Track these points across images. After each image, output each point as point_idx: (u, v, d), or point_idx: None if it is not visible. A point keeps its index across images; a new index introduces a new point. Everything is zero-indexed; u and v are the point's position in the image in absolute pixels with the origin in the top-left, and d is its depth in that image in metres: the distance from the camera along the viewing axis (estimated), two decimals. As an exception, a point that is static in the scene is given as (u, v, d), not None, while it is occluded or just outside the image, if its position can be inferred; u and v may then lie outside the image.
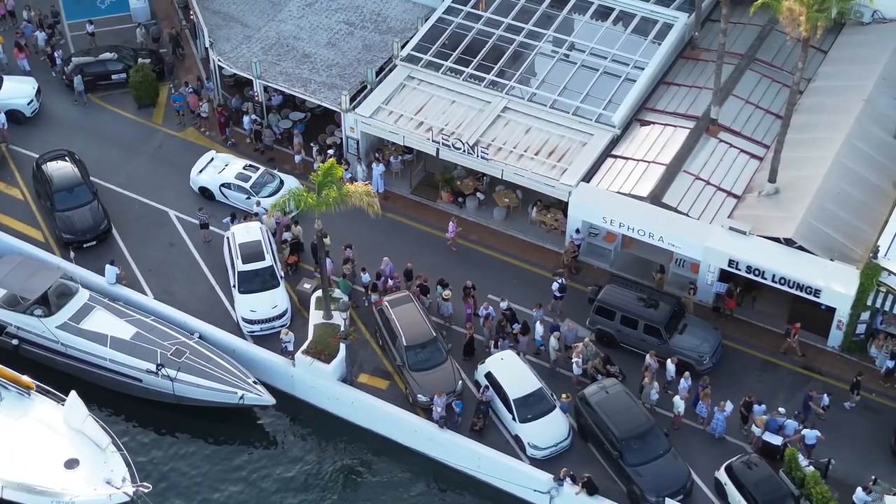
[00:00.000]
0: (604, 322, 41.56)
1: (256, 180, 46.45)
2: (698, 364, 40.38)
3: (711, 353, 40.63)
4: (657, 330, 40.64)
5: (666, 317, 40.88)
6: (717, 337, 41.17)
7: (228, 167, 47.08)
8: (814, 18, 38.49)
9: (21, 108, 50.47)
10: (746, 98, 46.48)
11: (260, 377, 41.09)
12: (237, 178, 46.57)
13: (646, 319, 40.82)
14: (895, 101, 44.95)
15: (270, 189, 46.30)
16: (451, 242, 45.29)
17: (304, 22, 51.34)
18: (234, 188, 46.48)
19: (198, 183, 47.24)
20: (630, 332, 41.09)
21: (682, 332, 40.98)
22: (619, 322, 41.22)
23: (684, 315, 41.49)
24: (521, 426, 39.00)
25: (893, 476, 37.61)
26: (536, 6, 49.87)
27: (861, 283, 39.38)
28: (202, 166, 47.50)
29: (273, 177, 46.90)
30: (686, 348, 40.59)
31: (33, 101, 50.81)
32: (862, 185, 42.64)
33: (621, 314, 41.16)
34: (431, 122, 46.30)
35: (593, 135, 45.32)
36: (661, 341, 40.61)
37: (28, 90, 50.97)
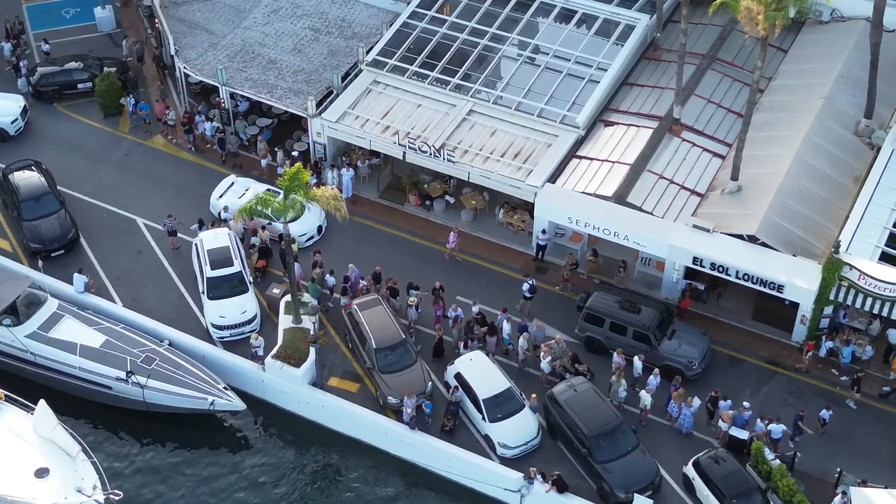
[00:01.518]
0: (593, 329, 41.63)
1: None
2: (687, 369, 40.57)
3: (700, 358, 40.83)
4: (646, 336, 40.77)
5: (655, 323, 41.03)
6: (705, 342, 41.35)
7: (249, 192, 45.77)
8: (771, 17, 39.00)
9: (4, 127, 50.11)
10: (708, 97, 47.03)
11: (230, 383, 41.20)
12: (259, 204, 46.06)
13: (635, 326, 40.93)
14: (854, 98, 45.51)
15: (292, 214, 45.52)
16: (450, 253, 45.21)
17: (269, 28, 51.53)
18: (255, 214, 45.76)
19: (218, 208, 46.28)
20: (619, 338, 41.11)
21: (671, 337, 41.12)
22: (609, 329, 41.30)
23: (673, 321, 41.69)
24: (490, 426, 39.29)
25: (857, 467, 38.12)
26: (500, 10, 50.29)
27: (823, 277, 39.88)
28: (222, 191, 46.68)
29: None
30: (675, 354, 40.76)
31: (18, 120, 50.39)
32: (823, 181, 43.21)
33: (610, 321, 41.28)
34: (398, 125, 46.59)
35: (558, 136, 45.74)
36: (651, 347, 40.75)
37: (14, 108, 50.53)
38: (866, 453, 38.95)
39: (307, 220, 45.33)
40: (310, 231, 45.48)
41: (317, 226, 45.64)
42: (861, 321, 41.68)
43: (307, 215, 45.18)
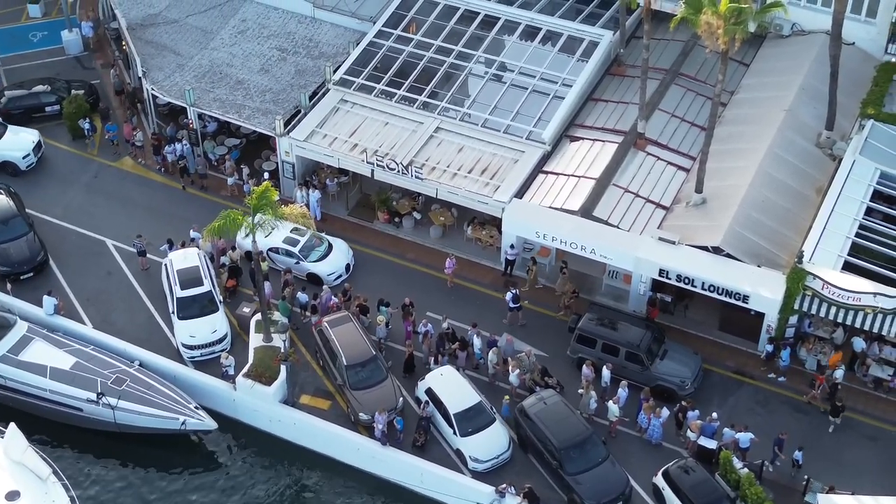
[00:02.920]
0: (585, 350, 41.66)
1: (305, 244, 45.24)
2: (680, 389, 40.69)
3: (693, 377, 40.99)
4: (638, 357, 40.96)
5: (647, 343, 41.20)
6: (697, 361, 41.51)
7: (275, 231, 44.47)
8: (731, 31, 39.59)
9: (16, 161, 49.66)
10: (672, 112, 47.61)
11: (201, 402, 41.24)
12: (285, 243, 45.25)
13: (627, 346, 41.05)
14: (815, 110, 46.18)
15: (319, 253, 45.19)
16: (451, 280, 45.14)
17: (236, 49, 51.81)
18: (283, 252, 45.34)
19: (244, 247, 45.28)
20: (611, 359, 41.13)
21: (663, 357, 41.27)
22: (600, 350, 41.38)
23: (664, 341, 41.88)
24: (462, 440, 39.51)
25: (825, 474, 38.55)
26: (465, 28, 50.77)
27: (787, 287, 40.35)
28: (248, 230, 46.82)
29: (321, 240, 45.66)
30: (667, 374, 40.89)
31: (30, 156, 49.85)
32: (786, 192, 43.79)
33: (602, 342, 41.41)
34: (366, 143, 46.91)
35: (524, 152, 46.18)
36: (643, 368, 40.92)
37: (27, 144, 50.01)
38: (834, 460, 39.37)
39: (335, 259, 45.22)
40: (338, 270, 45.10)
41: (345, 264, 45.33)
42: (825, 330, 42.19)
43: (335, 254, 45.23)
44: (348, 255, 45.73)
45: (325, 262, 45.02)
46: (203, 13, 53.70)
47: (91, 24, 56.32)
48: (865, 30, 48.02)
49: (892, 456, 39.58)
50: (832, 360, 41.34)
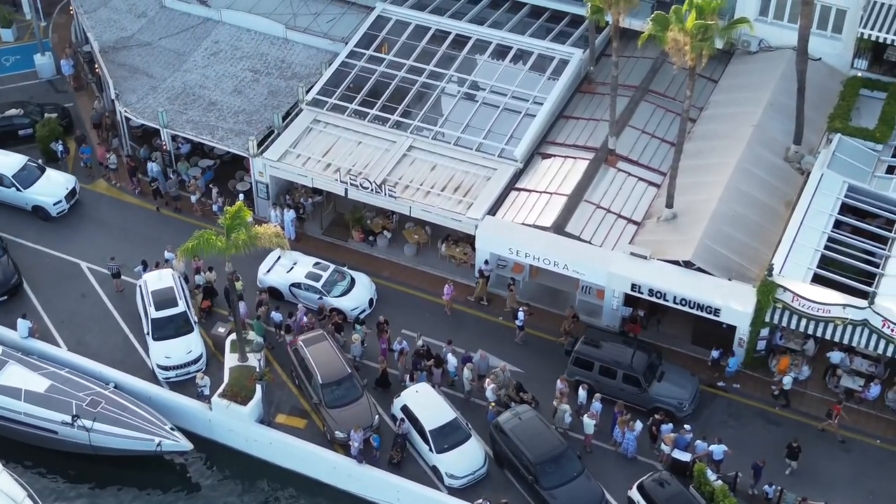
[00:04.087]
0: (582, 373, 41.69)
1: (327, 279, 44.88)
2: (678, 411, 40.74)
3: (690, 399, 41.08)
4: (636, 379, 40.98)
5: (644, 365, 41.26)
6: (694, 383, 41.59)
7: (297, 266, 45.35)
8: (698, 48, 40.06)
9: (47, 207, 49.00)
10: (642, 128, 48.06)
11: (177, 423, 41.22)
12: (308, 278, 44.93)
13: (624, 369, 41.05)
14: (783, 125, 46.71)
15: (342, 288, 44.86)
16: (449, 306, 45.06)
17: (209, 71, 52.01)
18: (305, 288, 45.03)
19: (266, 283, 45.42)
20: (609, 382, 41.16)
21: (661, 379, 41.32)
22: (598, 373, 41.41)
23: (662, 363, 42.05)
24: (438, 456, 39.63)
25: (799, 486, 38.88)
26: (437, 47, 51.18)
27: (758, 300, 40.74)
28: (269, 266, 45.67)
29: (344, 275, 45.39)
30: (665, 396, 40.95)
31: (61, 202, 48.90)
32: (755, 206, 44.26)
33: (599, 364, 41.47)
34: (339, 163, 47.15)
35: (497, 169, 46.51)
36: (641, 390, 40.99)
37: (60, 191, 49.03)
38: (807, 472, 39.67)
39: (358, 293, 45.01)
40: (361, 305, 44.88)
41: (368, 299, 45.12)
42: (797, 342, 42.61)
43: (358, 289, 45.08)
44: (371, 290, 45.45)
45: (349, 298, 44.72)
46: (176, 35, 53.88)
47: (71, 62, 56.09)
48: (831, 45, 48.69)
49: (863, 466, 39.95)
50: (780, 366, 41.71)
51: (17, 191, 48.97)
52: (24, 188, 48.97)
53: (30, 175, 49.36)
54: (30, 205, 49.00)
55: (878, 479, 39.49)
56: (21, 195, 49.02)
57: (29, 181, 49.16)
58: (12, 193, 49.11)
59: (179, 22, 54.51)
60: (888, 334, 39.45)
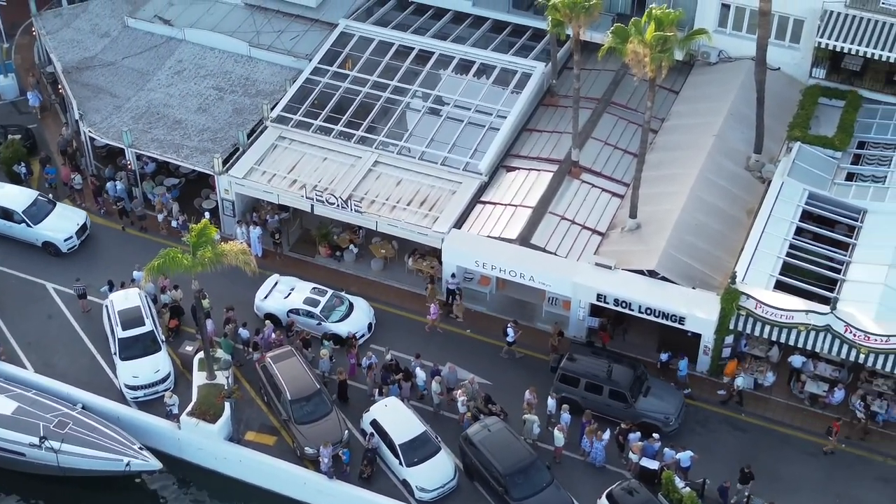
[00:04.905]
0: (568, 390, 41.65)
1: (325, 304, 44.71)
2: (665, 426, 40.84)
3: (676, 413, 41.21)
4: (622, 395, 41.08)
5: (630, 381, 41.36)
6: (679, 397, 41.68)
7: (294, 291, 45.22)
8: (657, 59, 40.51)
9: (58, 244, 48.23)
10: (605, 140, 48.50)
11: (146, 443, 41.07)
12: (306, 304, 44.76)
13: (610, 385, 41.11)
14: (743, 134, 47.25)
15: (340, 313, 44.66)
16: (431, 325, 45.11)
17: (173, 90, 52.05)
18: (303, 314, 44.87)
19: (263, 310, 45.15)
20: (595, 398, 41.24)
21: (647, 394, 41.40)
22: (584, 389, 41.48)
23: (647, 378, 42.11)
24: (408, 470, 39.72)
25: (767, 491, 39.24)
26: (401, 63, 51.46)
27: (722, 308, 41.12)
28: (266, 292, 45.43)
29: (342, 300, 45.18)
30: (651, 411, 41.00)
31: (72, 238, 48.14)
32: (717, 215, 44.73)
33: (585, 381, 41.49)
34: (305, 179, 47.29)
35: (462, 183, 46.79)
36: (627, 405, 41.10)
37: (71, 227, 48.29)
38: (773, 477, 40.07)
39: (356, 318, 44.84)
40: (360, 330, 44.69)
41: (367, 323, 45.00)
42: (761, 349, 43.06)
43: (356, 313, 44.93)
44: (370, 314, 45.31)
45: (347, 322, 44.59)
46: (139, 55, 53.90)
47: (38, 95, 55.72)
48: (790, 55, 49.34)
49: (829, 470, 40.37)
50: (728, 369, 42.12)
51: (28, 226, 48.14)
52: (34, 224, 48.18)
53: (40, 210, 48.56)
54: (40, 241, 48.20)
55: (844, 483, 39.94)
56: (31, 231, 48.16)
57: (39, 217, 48.37)
58: (22, 229, 48.25)
59: (143, 41, 54.55)
60: (850, 339, 39.92)
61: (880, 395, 41.80)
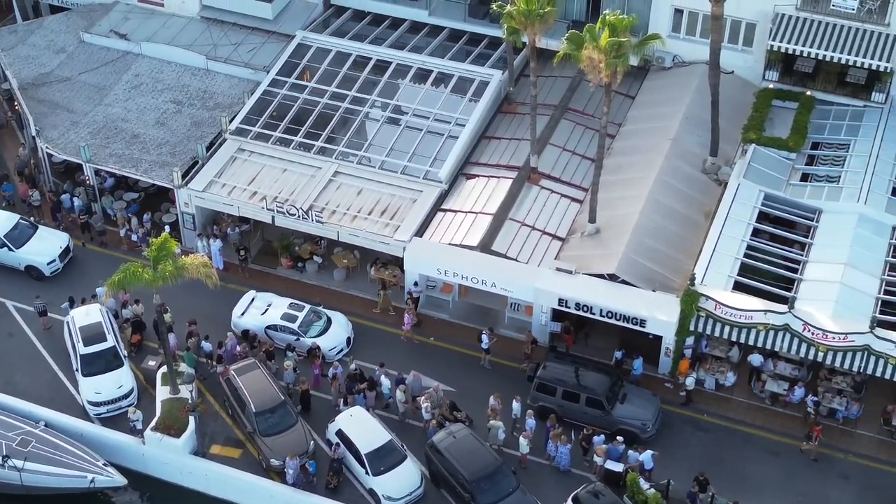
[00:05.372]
0: (545, 399, 41.80)
1: (303, 320, 44.52)
2: (642, 432, 41.05)
3: (653, 419, 41.40)
4: (599, 402, 41.18)
5: (606, 388, 41.49)
6: (655, 402, 41.82)
7: (272, 307, 45.03)
8: (612, 64, 40.89)
9: (41, 267, 47.67)
10: (563, 146, 48.88)
11: (110, 459, 40.90)
12: (283, 320, 44.58)
13: (587, 392, 41.21)
14: (699, 137, 47.77)
15: (319, 328, 44.51)
16: (406, 335, 45.19)
17: (131, 104, 51.90)
18: (281, 329, 44.66)
19: (241, 326, 44.83)
20: (572, 406, 41.37)
21: (623, 401, 41.55)
22: (561, 397, 41.56)
23: (623, 384, 42.25)
24: (374, 479, 39.75)
25: (731, 490, 39.57)
26: (359, 73, 51.63)
27: (682, 310, 41.50)
28: (244, 308, 45.22)
29: (319, 315, 45.01)
30: (629, 417, 41.14)
31: (55, 262, 47.56)
32: (675, 218, 45.17)
33: (562, 389, 41.58)
34: (265, 191, 47.29)
35: (422, 191, 46.98)
36: (604, 413, 41.20)
37: (54, 250, 47.70)
38: (737, 476, 40.47)
39: (335, 333, 44.69)
40: (339, 345, 44.61)
41: (345, 338, 44.87)
42: (722, 349, 43.50)
43: (334, 328, 44.78)
44: (348, 328, 45.17)
45: (326, 337, 44.44)
46: (95, 70, 53.72)
47: None
48: (743, 58, 49.96)
49: (791, 468, 40.84)
50: (681, 369, 42.53)
51: (10, 250, 47.63)
52: (16, 248, 47.66)
53: (22, 234, 48.03)
54: (22, 265, 47.67)
55: (806, 481, 40.39)
56: (13, 255, 47.63)
57: (21, 241, 47.83)
58: (4, 253, 47.70)
59: (99, 56, 54.37)
60: (809, 338, 40.42)
61: (839, 392, 42.36)
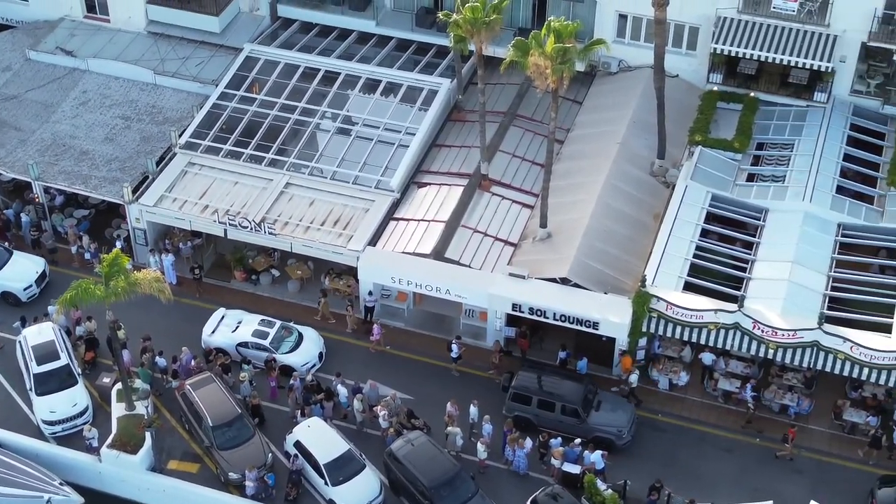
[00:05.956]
0: (521, 408, 41.86)
1: (275, 336, 44.38)
2: (618, 439, 41.19)
3: (629, 426, 41.57)
4: (574, 410, 41.33)
5: (581, 396, 41.60)
6: (630, 408, 42.03)
7: (242, 325, 44.86)
8: (558, 70, 41.31)
9: (17, 293, 46.88)
10: (513, 152, 49.25)
11: (66, 478, 40.62)
12: (255, 336, 44.44)
13: (562, 401, 41.33)
14: (647, 141, 48.32)
15: (290, 344, 44.37)
16: (374, 346, 45.21)
17: (79, 121, 51.62)
18: (253, 346, 44.40)
19: (211, 344, 44.64)
20: (548, 415, 41.50)
21: (598, 408, 41.65)
22: (536, 406, 41.65)
23: (598, 392, 42.41)
24: (333, 489, 39.78)
25: (686, 489, 40.01)
26: (308, 84, 51.71)
27: (634, 311, 41.95)
28: (214, 326, 45.01)
29: (291, 331, 44.91)
30: (604, 424, 41.26)
31: (31, 287, 46.81)
32: (625, 220, 45.66)
33: (538, 398, 41.68)
34: (216, 204, 47.23)
35: (374, 201, 47.14)
36: (580, 421, 41.35)
37: (30, 275, 46.84)
38: (692, 475, 40.94)
39: (306, 348, 44.54)
40: (311, 360, 44.43)
41: (317, 353, 44.78)
42: (674, 350, 44.02)
43: (306, 343, 44.62)
44: (319, 344, 45.07)
45: (298, 353, 44.30)
46: (42, 87, 53.36)
47: None
48: (687, 62, 50.64)
49: (745, 465, 41.37)
50: (624, 366, 43.02)
51: None
52: None
53: None
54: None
55: (761, 477, 40.94)
56: None
57: None
58: None
59: (46, 73, 54.03)
60: (759, 335, 41.03)
61: (791, 388, 43.01)
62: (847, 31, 47.75)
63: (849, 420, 42.21)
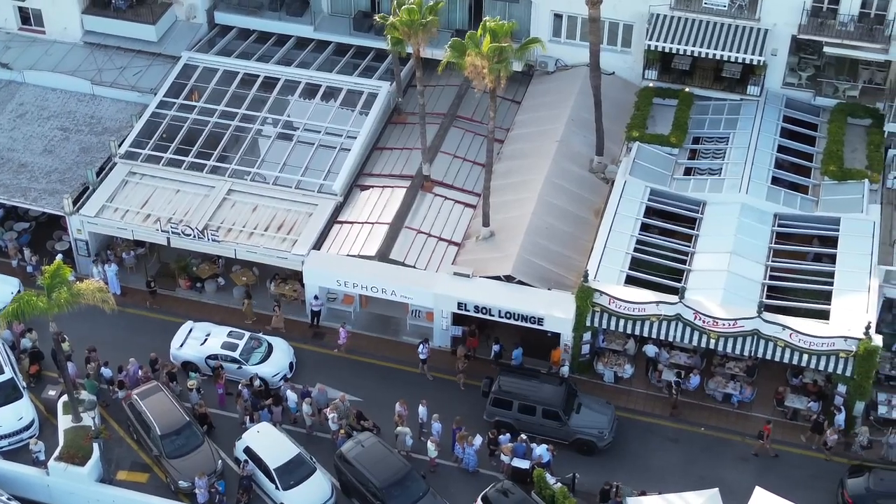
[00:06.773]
0: (502, 413, 41.89)
1: (244, 347, 44.20)
2: (599, 440, 41.39)
3: (610, 427, 41.74)
4: (555, 413, 41.45)
5: (562, 399, 41.75)
6: (610, 410, 42.15)
7: (211, 337, 44.60)
8: (495, 70, 41.71)
9: None
10: (454, 153, 49.64)
11: (14, 492, 40.31)
12: (224, 349, 44.18)
13: (543, 404, 41.43)
14: (585, 138, 48.93)
15: (260, 355, 44.14)
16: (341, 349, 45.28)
17: (16, 133, 51.20)
18: (223, 359, 44.07)
19: (180, 358, 44.33)
20: (529, 419, 41.52)
21: (578, 411, 41.80)
22: (517, 411, 41.72)
23: (577, 394, 42.55)
24: (285, 493, 39.85)
25: (636, 480, 40.57)
26: (247, 91, 51.72)
27: (577, 306, 42.44)
28: (182, 340, 44.72)
29: (260, 342, 44.68)
30: (585, 427, 41.42)
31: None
32: (566, 217, 46.19)
33: (518, 402, 41.73)
34: (159, 213, 47.06)
35: (318, 205, 47.25)
36: (561, 424, 41.44)
37: (5, 296, 44.72)
38: (641, 466, 41.50)
39: (277, 359, 44.31)
40: (282, 370, 44.22)
41: (288, 363, 44.53)
42: (618, 343, 44.59)
43: (276, 354, 44.39)
44: (290, 354, 44.88)
45: (268, 364, 44.10)
46: (-23, 101, 52.99)
47: None
48: (622, 59, 51.34)
49: (691, 453, 42.02)
50: (554, 358, 43.57)
51: None
52: None
53: None
54: None
55: (706, 465, 41.57)
56: None
57: None
58: None
59: (-20, 87, 53.64)
60: (700, 326, 41.67)
61: (733, 377, 43.75)
62: (777, 25, 48.73)
63: (791, 406, 43.04)
